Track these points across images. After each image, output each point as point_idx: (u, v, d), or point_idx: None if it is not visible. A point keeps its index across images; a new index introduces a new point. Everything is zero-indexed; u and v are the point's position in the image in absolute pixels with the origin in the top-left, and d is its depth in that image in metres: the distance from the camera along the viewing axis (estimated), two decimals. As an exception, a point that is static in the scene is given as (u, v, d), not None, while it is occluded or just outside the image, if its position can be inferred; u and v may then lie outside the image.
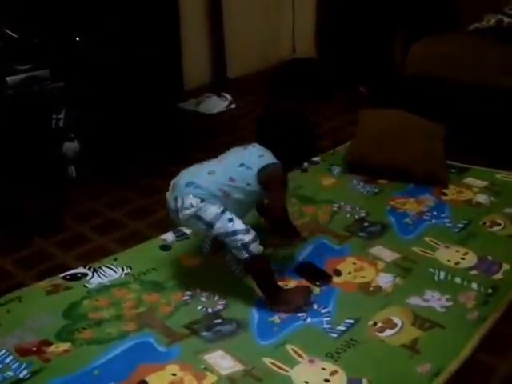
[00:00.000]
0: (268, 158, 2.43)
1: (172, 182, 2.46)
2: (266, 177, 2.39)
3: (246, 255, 2.28)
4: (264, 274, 2.38)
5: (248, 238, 2.27)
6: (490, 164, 3.43)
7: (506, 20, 3.77)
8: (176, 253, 2.77)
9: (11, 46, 3.35)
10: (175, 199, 2.36)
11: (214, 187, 2.34)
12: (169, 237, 2.88)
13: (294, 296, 2.40)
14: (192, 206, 2.30)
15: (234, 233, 2.28)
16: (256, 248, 2.29)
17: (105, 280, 2.56)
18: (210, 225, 2.30)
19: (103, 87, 3.73)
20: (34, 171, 3.31)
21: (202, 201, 2.30)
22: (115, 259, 2.71)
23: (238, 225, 2.29)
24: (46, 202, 3.21)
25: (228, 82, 5.03)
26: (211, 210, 2.30)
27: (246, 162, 2.42)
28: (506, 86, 3.54)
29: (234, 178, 2.38)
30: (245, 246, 2.27)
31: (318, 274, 2.55)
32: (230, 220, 2.29)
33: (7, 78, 3.25)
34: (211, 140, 4.05)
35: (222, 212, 2.30)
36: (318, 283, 2.49)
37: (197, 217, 2.31)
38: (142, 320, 2.31)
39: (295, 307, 2.34)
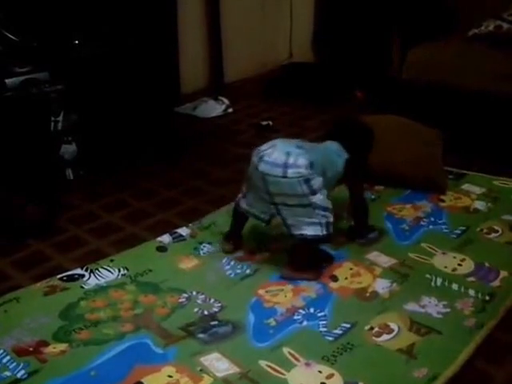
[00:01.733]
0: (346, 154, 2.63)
1: (265, 146, 2.52)
2: (355, 166, 2.64)
3: (325, 232, 2.45)
4: (317, 251, 2.60)
5: (332, 218, 2.48)
6: (488, 170, 3.43)
7: (505, 26, 3.78)
8: (172, 254, 2.77)
9: (11, 48, 3.36)
10: (287, 154, 2.40)
11: (317, 160, 2.46)
12: (165, 238, 2.88)
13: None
14: (306, 167, 2.38)
15: (327, 209, 2.45)
16: (331, 229, 2.48)
17: (101, 281, 2.56)
18: (313, 192, 2.40)
19: (101, 90, 3.73)
20: (32, 173, 3.31)
21: (312, 167, 2.40)
22: (112, 260, 2.71)
23: (330, 204, 2.47)
24: (42, 204, 3.20)
25: (225, 87, 5.04)
26: (318, 180, 2.42)
27: (334, 150, 2.61)
28: (504, 91, 3.55)
29: (329, 157, 2.56)
30: (328, 224, 2.45)
31: (321, 256, 2.65)
32: (327, 197, 2.46)
33: (6, 81, 3.26)
34: (209, 144, 4.06)
35: (323, 187, 2.44)
36: (324, 264, 2.60)
37: (306, 180, 2.39)
38: (138, 321, 2.31)
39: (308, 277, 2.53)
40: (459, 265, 2.62)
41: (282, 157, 2.40)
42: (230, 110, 4.64)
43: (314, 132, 4.14)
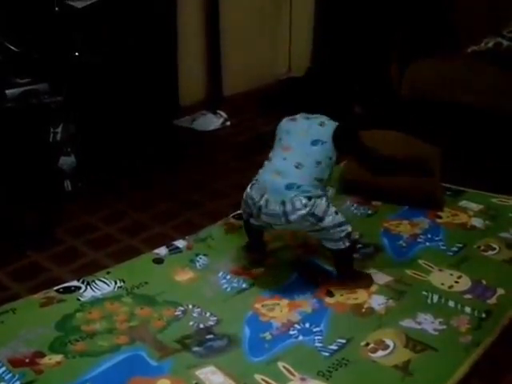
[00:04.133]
0: (327, 122, 2.54)
1: (255, 185, 2.52)
2: (346, 141, 2.55)
3: (348, 243, 2.49)
4: (352, 256, 2.62)
5: (350, 227, 2.51)
6: (486, 187, 3.43)
7: (505, 43, 3.79)
8: (168, 266, 2.77)
9: (11, 59, 3.37)
10: (283, 203, 2.39)
11: (309, 180, 2.44)
12: (162, 250, 2.88)
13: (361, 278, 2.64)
14: (305, 205, 2.38)
15: (341, 224, 2.47)
16: (354, 235, 2.58)
17: (98, 293, 2.56)
18: (320, 219, 2.42)
19: (100, 102, 3.75)
20: (30, 184, 3.31)
21: (310, 198, 2.39)
22: (108, 272, 2.71)
23: (342, 217, 2.50)
24: (40, 215, 3.20)
25: (223, 100, 5.05)
26: (321, 206, 2.42)
27: (315, 136, 2.49)
28: (503, 108, 3.57)
29: (318, 160, 2.47)
30: (348, 234, 2.49)
31: (316, 271, 2.69)
32: (336, 213, 2.48)
33: (6, 91, 3.27)
34: (207, 157, 4.08)
35: (328, 205, 2.45)
36: (318, 279, 2.62)
37: (310, 214, 2.39)
38: (133, 334, 2.30)
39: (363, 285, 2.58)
40: (456, 282, 2.62)
41: (278, 207, 2.39)
42: (228, 123, 4.65)
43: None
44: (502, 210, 3.24)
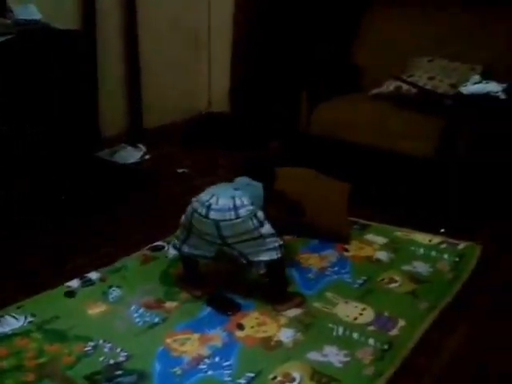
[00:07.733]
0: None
1: (200, 196, 2.67)
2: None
3: (279, 255, 2.65)
4: (284, 272, 2.79)
5: (281, 241, 2.67)
6: (392, 221, 3.56)
7: (405, 87, 3.95)
8: (80, 300, 2.76)
9: None
10: (232, 197, 2.58)
11: (251, 196, 2.66)
12: (74, 283, 2.88)
13: (293, 297, 2.79)
14: (252, 204, 2.60)
15: (274, 235, 2.64)
16: (283, 250, 2.68)
17: (7, 329, 2.52)
18: (261, 224, 2.61)
19: (20, 131, 3.69)
20: None
21: (252, 204, 2.61)
22: (18, 307, 2.67)
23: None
24: None
25: (144, 132, 5.07)
26: (260, 214, 2.63)
27: (253, 184, 2.79)
28: (403, 149, 3.72)
29: (253, 192, 2.72)
30: (280, 247, 2.65)
31: (227, 305, 2.72)
32: (270, 225, 2.64)
33: None
34: (126, 192, 4.07)
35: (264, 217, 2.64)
36: (229, 313, 2.67)
37: (254, 215, 2.59)
38: (42, 371, 2.28)
39: (298, 303, 2.74)
40: (360, 314, 2.70)
41: (229, 201, 2.57)
42: (147, 156, 4.66)
43: (226, 180, 4.23)
44: (404, 243, 3.37)
